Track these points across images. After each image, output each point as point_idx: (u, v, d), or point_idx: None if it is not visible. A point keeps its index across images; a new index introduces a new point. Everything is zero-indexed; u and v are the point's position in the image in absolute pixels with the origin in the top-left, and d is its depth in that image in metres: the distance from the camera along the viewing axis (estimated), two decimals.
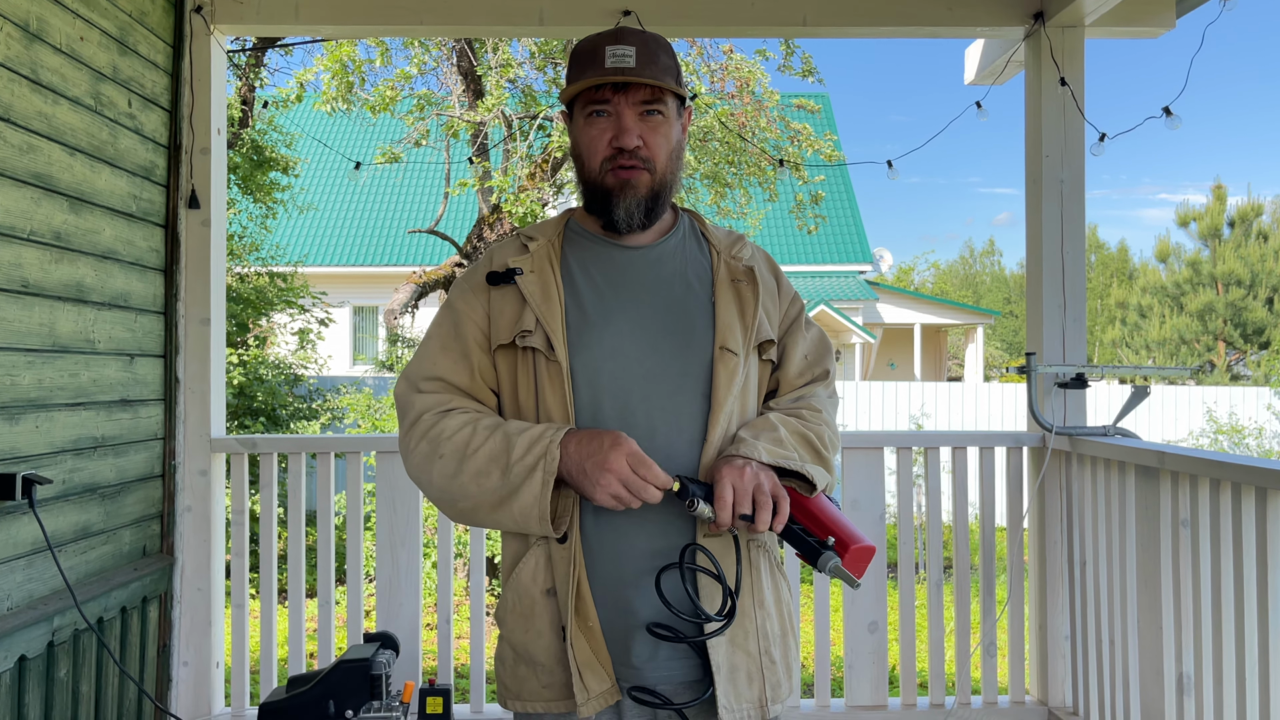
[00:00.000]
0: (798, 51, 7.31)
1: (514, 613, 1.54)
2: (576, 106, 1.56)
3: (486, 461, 1.45)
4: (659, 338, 1.52)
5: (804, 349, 1.67)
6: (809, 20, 3.31)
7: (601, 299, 1.55)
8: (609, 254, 1.59)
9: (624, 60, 1.49)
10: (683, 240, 1.64)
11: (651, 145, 1.52)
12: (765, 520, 1.42)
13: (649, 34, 1.55)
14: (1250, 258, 21.67)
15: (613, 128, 1.51)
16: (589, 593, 1.48)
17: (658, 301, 1.55)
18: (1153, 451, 2.67)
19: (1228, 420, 11.34)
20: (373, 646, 2.80)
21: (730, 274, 1.61)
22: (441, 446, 1.49)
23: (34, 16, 2.48)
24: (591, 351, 1.50)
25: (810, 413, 1.61)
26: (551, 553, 1.50)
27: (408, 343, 10.63)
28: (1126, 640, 2.83)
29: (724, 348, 1.53)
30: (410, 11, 3.27)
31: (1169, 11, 3.28)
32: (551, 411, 1.49)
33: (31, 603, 2.49)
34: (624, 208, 1.53)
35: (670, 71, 1.54)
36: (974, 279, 45.68)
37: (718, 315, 1.55)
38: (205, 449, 3.21)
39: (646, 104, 1.51)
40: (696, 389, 1.52)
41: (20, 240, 2.44)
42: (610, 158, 1.52)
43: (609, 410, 1.49)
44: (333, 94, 6.93)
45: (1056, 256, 3.28)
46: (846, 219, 19.77)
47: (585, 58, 1.53)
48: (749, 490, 1.41)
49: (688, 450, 1.50)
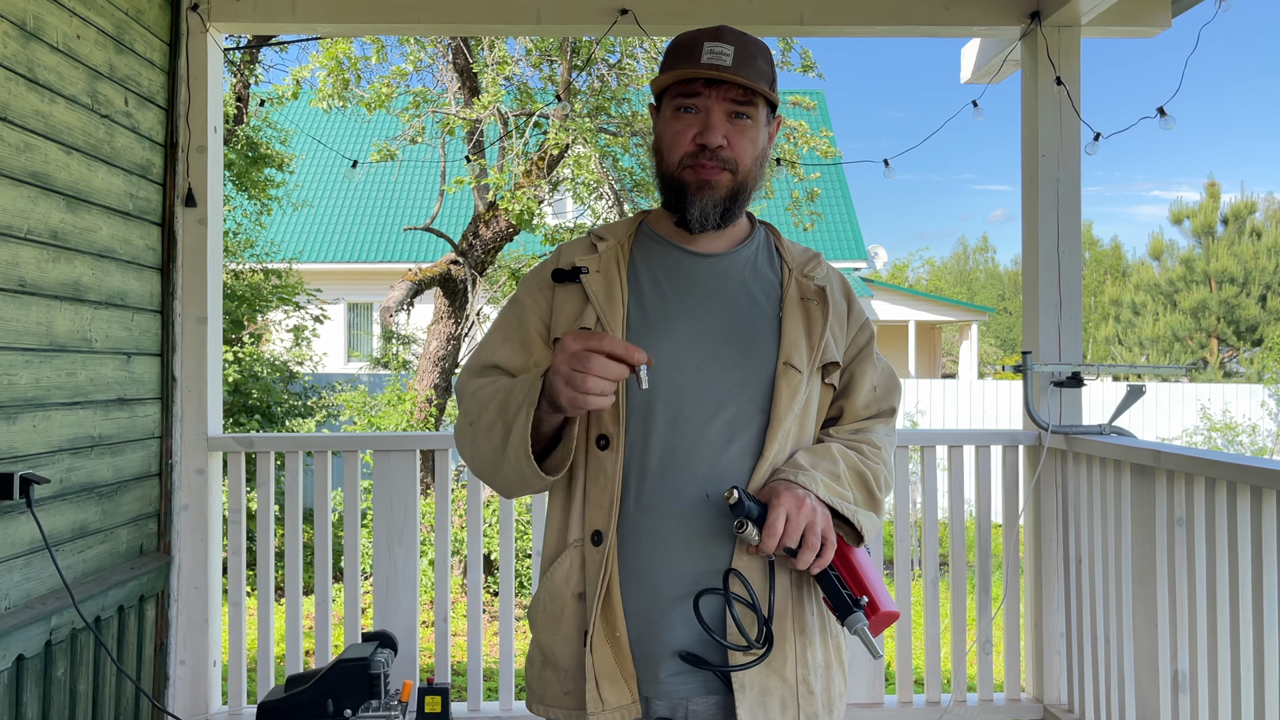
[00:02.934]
0: (796, 47, 7.31)
1: (544, 613, 1.51)
2: (665, 99, 1.52)
3: (494, 415, 1.43)
4: (719, 346, 1.49)
5: (874, 380, 1.63)
6: (806, 19, 3.31)
7: (664, 303, 1.52)
8: (677, 259, 1.56)
9: (720, 58, 1.45)
10: (755, 253, 1.60)
11: (736, 147, 1.48)
12: (807, 561, 1.40)
13: (750, 37, 1.51)
14: (1244, 255, 21.73)
15: (699, 124, 1.47)
16: (619, 601, 1.44)
17: (721, 310, 1.52)
18: (1148, 450, 2.69)
19: (1222, 417, 11.38)
20: (371, 645, 2.80)
21: (800, 292, 1.56)
22: (472, 417, 1.49)
23: (31, 15, 2.48)
24: (648, 353, 1.48)
25: (870, 449, 1.57)
26: (585, 555, 1.47)
27: (403, 339, 10.62)
28: (1122, 638, 2.84)
29: (788, 364, 1.49)
30: (407, 9, 3.27)
31: (1164, 11, 3.29)
32: (603, 411, 1.46)
33: (29, 602, 2.49)
34: (699, 206, 1.49)
35: (765, 77, 1.50)
36: (968, 275, 45.76)
37: (784, 331, 1.52)
38: (202, 448, 3.21)
39: (737, 104, 1.47)
40: (755, 402, 1.48)
41: (17, 239, 2.44)
42: (692, 154, 1.48)
43: (661, 414, 1.46)
44: (328, 91, 6.91)
45: (1052, 255, 3.29)
46: (841, 215, 19.77)
47: (682, 51, 1.50)
48: (801, 526, 1.38)
49: (738, 461, 1.46)
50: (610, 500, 1.45)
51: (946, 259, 48.26)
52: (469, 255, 7.48)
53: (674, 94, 1.50)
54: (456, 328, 7.60)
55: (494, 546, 6.49)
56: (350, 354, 17.09)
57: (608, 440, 1.46)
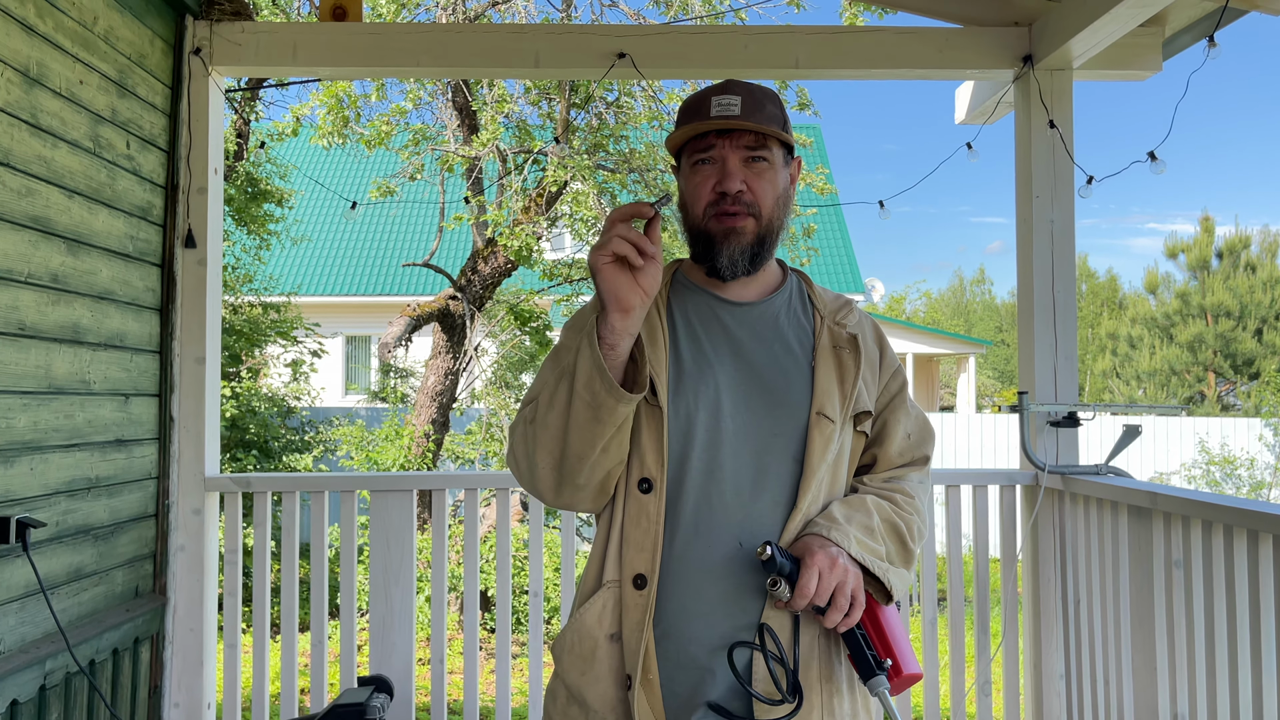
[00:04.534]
0: (792, 85, 7.38)
1: (572, 653, 1.50)
2: (683, 158, 1.56)
3: (555, 382, 1.43)
4: (753, 395, 1.51)
5: (908, 427, 1.64)
6: (801, 62, 3.35)
7: (700, 351, 1.53)
8: (711, 307, 1.57)
9: (729, 109, 1.49)
10: (788, 301, 1.62)
11: (757, 191, 1.50)
12: (834, 621, 1.41)
13: (756, 85, 1.55)
14: (1239, 289, 21.80)
15: (717, 173, 1.50)
16: (654, 646, 1.44)
17: (755, 359, 1.53)
18: (1145, 492, 2.69)
19: (1220, 451, 11.38)
20: (367, 690, 2.79)
21: (833, 340, 1.58)
22: (530, 414, 1.48)
23: (34, 61, 2.51)
24: (685, 399, 1.49)
25: (904, 498, 1.58)
26: (624, 597, 1.47)
27: (401, 374, 10.62)
28: (1121, 679, 2.83)
29: (821, 413, 1.50)
30: (407, 54, 3.31)
31: (1155, 55, 3.33)
32: (646, 453, 1.47)
33: (24, 646, 2.48)
34: (728, 254, 1.51)
35: (776, 120, 1.53)
36: (966, 308, 45.85)
37: (816, 380, 1.53)
38: (199, 488, 3.21)
39: (751, 150, 1.50)
40: (787, 451, 1.49)
41: (18, 283, 2.45)
42: (714, 203, 1.50)
43: (696, 461, 1.47)
44: (328, 128, 6.97)
45: (1047, 295, 3.30)
46: (838, 249, 19.86)
47: (691, 109, 1.54)
48: (831, 586, 1.39)
49: (772, 511, 1.47)
50: (654, 544, 1.45)
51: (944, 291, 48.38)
52: (467, 290, 7.50)
53: (690, 151, 1.53)
54: (454, 362, 7.61)
55: (490, 583, 6.46)
56: (348, 388, 17.08)
57: (650, 484, 1.47)
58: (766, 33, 3.36)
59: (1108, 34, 3.02)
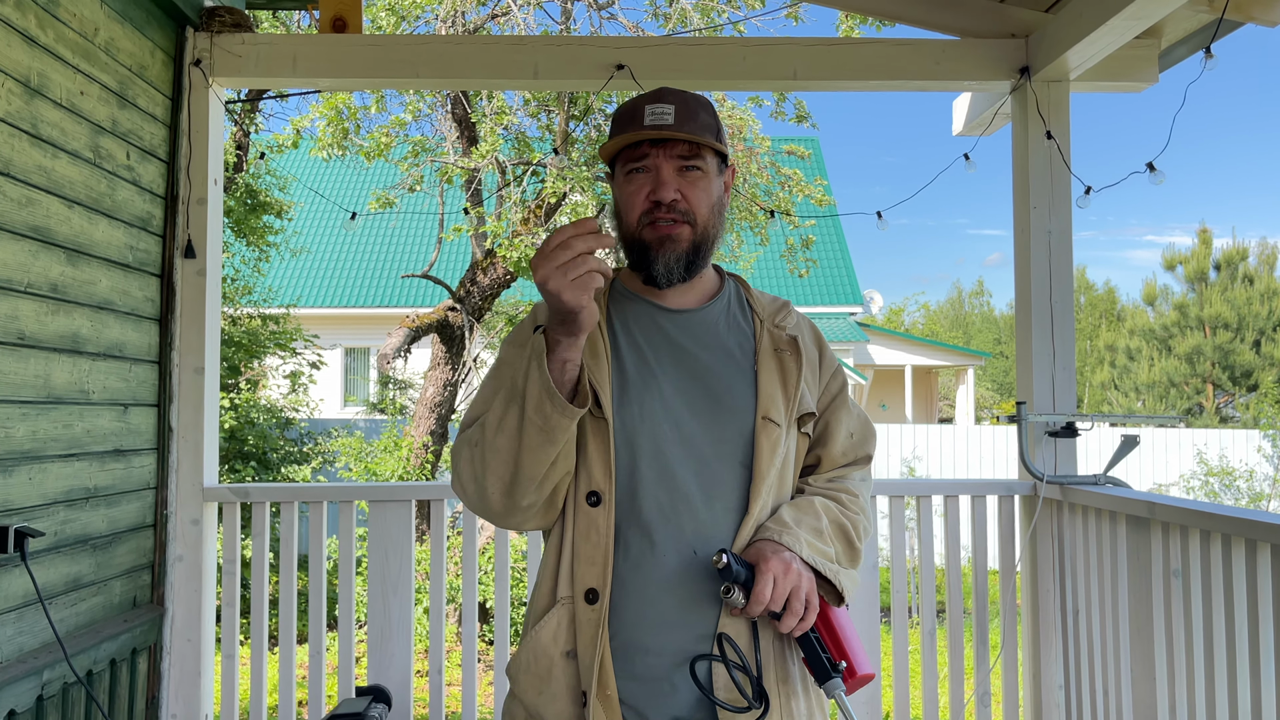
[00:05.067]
0: (790, 98, 7.41)
1: (529, 672, 1.49)
2: (617, 166, 1.56)
3: (502, 405, 1.41)
4: (698, 402, 1.51)
5: (850, 426, 1.65)
6: (799, 74, 3.36)
7: (643, 360, 1.53)
8: (652, 315, 1.57)
9: (662, 118, 1.49)
10: (727, 306, 1.62)
11: (691, 199, 1.51)
12: (790, 625, 1.41)
13: (689, 93, 1.55)
14: (1237, 300, 21.83)
15: (650, 182, 1.51)
16: (610, 661, 1.43)
17: (698, 367, 1.54)
18: (1143, 502, 2.69)
19: (1218, 463, 11.37)
20: (365, 700, 2.79)
21: (773, 343, 1.59)
22: (476, 436, 1.45)
23: (35, 72, 2.52)
24: (630, 411, 1.48)
25: (849, 497, 1.60)
26: (577, 614, 1.46)
27: (399, 385, 10.62)
28: (1120, 690, 2.83)
29: (767, 418, 1.51)
30: (407, 65, 3.32)
31: (1152, 67, 3.35)
32: (593, 466, 1.46)
33: (21, 656, 2.47)
34: (663, 262, 1.51)
35: (710, 129, 1.53)
36: (964, 320, 45.89)
37: (760, 385, 1.54)
38: (198, 498, 3.21)
39: (684, 159, 1.51)
40: (735, 457, 1.49)
41: (17, 293, 2.46)
42: (648, 211, 1.51)
43: (646, 471, 1.47)
44: (328, 140, 6.99)
45: (1045, 306, 3.31)
46: (837, 261, 19.90)
47: (625, 118, 1.54)
48: (787, 591, 1.40)
49: (724, 518, 1.47)
50: (604, 557, 1.45)
51: (942, 303, 48.44)
52: (466, 302, 7.51)
53: (624, 160, 1.54)
54: (453, 374, 7.61)
55: (489, 595, 6.45)
56: (347, 399, 17.08)
57: (599, 497, 1.46)
58: (764, 44, 3.38)
59: (1104, 46, 3.04)
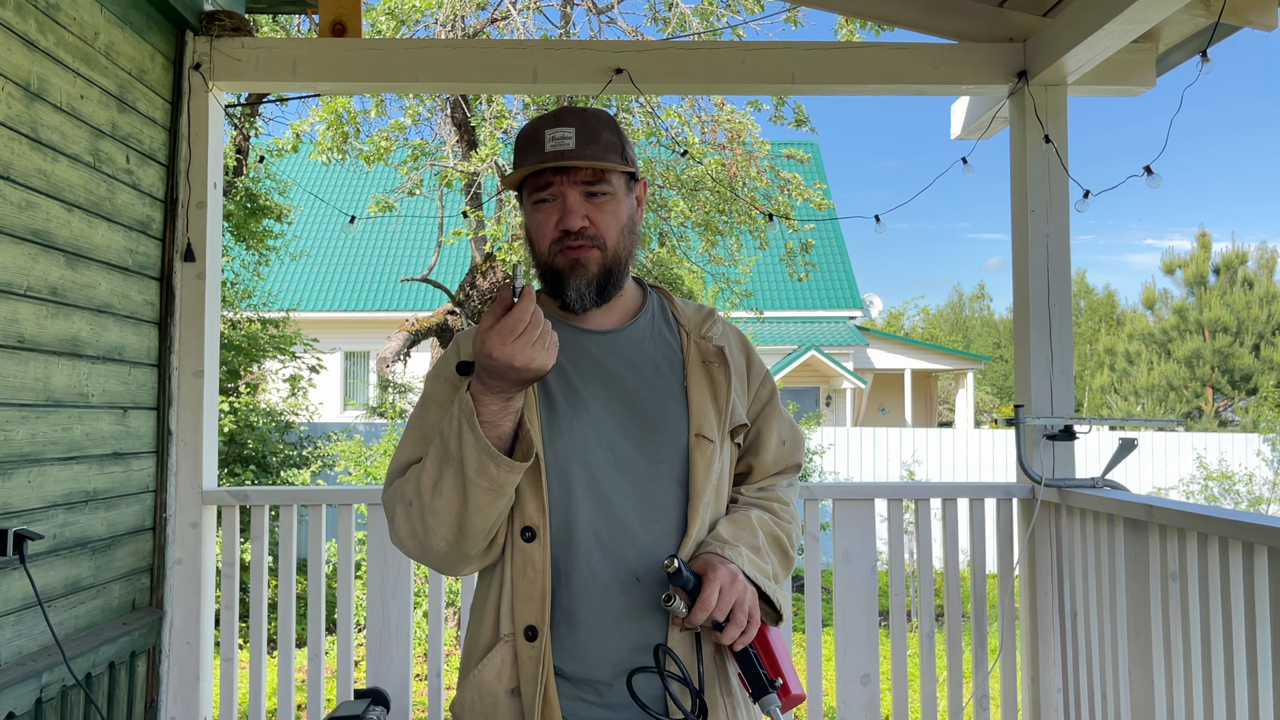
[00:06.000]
0: (789, 101, 7.42)
1: (474, 710, 1.46)
2: (524, 192, 1.53)
3: (436, 466, 1.39)
4: (630, 424, 1.49)
5: (781, 434, 1.64)
6: (797, 78, 3.37)
7: (570, 386, 1.50)
8: (575, 339, 1.54)
9: (563, 143, 1.45)
10: (651, 321, 1.60)
11: (599, 224, 1.48)
12: (732, 637, 1.41)
13: (590, 112, 1.51)
14: (1236, 304, 21.84)
15: (558, 210, 1.47)
16: (555, 695, 1.41)
17: (627, 387, 1.51)
18: (1141, 505, 2.69)
19: (1218, 467, 11.37)
20: (364, 703, 2.79)
21: (701, 355, 1.56)
22: (410, 495, 1.43)
23: (35, 76, 2.52)
24: (561, 440, 1.46)
25: (781, 506, 1.60)
26: (519, 651, 1.43)
27: (399, 389, 10.63)
28: (1119, 693, 2.83)
29: (700, 435, 1.49)
30: (406, 69, 3.33)
31: (1149, 71, 3.36)
32: (526, 501, 1.44)
33: (20, 659, 2.48)
34: (575, 288, 1.49)
35: (613, 148, 1.50)
36: (964, 323, 45.89)
37: (690, 400, 1.52)
38: (197, 501, 3.21)
39: (589, 184, 1.48)
40: (671, 476, 1.48)
41: (17, 296, 2.46)
42: (558, 239, 1.48)
43: (583, 500, 1.45)
44: (328, 144, 7.00)
45: (1043, 310, 3.32)
46: (836, 265, 19.93)
47: (526, 143, 1.50)
48: (732, 600, 1.39)
49: (664, 540, 1.46)
50: (542, 593, 1.43)
51: (942, 307, 48.41)
52: (466, 305, 7.52)
53: (529, 188, 1.51)
54: None
55: None
56: (346, 402, 17.08)
57: (533, 533, 1.44)
58: (763, 48, 3.39)
59: (1101, 50, 3.04)
